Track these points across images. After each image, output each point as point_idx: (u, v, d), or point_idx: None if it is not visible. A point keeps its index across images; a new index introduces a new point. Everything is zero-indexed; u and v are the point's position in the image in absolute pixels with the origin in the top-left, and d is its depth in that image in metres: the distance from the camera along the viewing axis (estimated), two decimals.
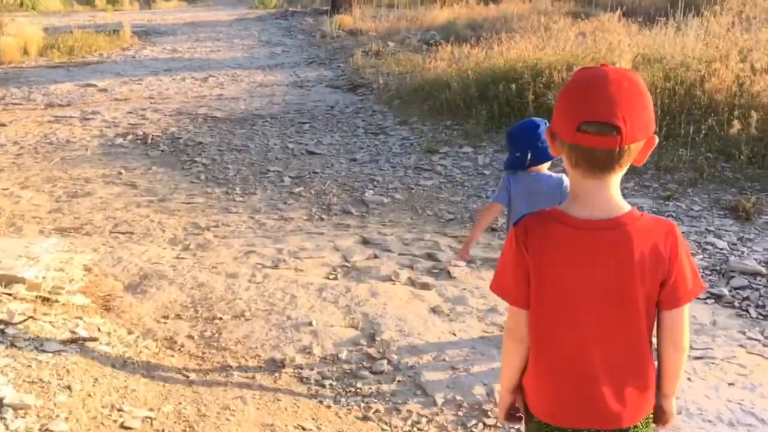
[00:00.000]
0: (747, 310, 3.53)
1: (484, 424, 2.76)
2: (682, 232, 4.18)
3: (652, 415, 1.45)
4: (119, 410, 2.75)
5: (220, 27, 18.92)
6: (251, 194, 5.74)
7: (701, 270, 3.99)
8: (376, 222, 5.09)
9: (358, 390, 3.02)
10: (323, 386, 3.06)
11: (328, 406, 2.93)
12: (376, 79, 9.78)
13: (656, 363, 1.44)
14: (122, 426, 2.66)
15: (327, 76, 11.09)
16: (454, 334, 3.45)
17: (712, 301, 3.66)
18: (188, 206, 5.48)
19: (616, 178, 1.32)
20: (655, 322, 1.39)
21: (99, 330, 3.44)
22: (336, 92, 9.86)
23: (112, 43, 15.26)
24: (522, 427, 1.57)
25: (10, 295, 3.57)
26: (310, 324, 3.57)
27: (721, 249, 4.24)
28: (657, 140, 1.33)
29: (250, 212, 5.32)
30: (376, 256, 4.47)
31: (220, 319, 3.65)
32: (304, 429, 2.75)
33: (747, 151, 5.42)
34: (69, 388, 2.83)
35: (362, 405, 2.92)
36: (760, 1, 11.46)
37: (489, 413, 2.82)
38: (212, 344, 3.41)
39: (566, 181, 2.83)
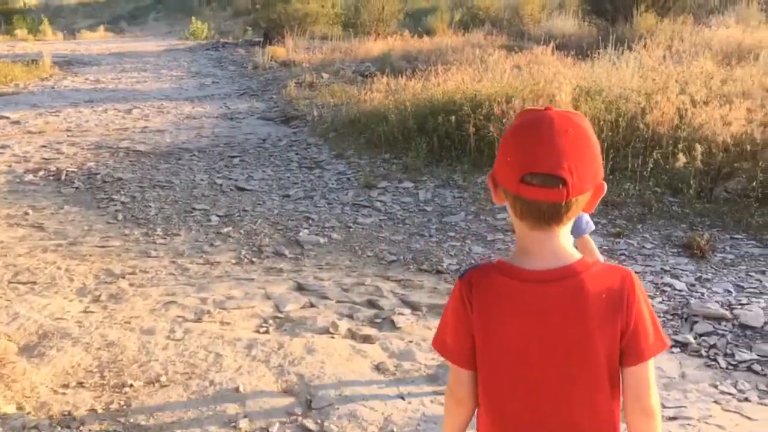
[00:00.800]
0: (716, 360, 3.27)
1: None
2: (637, 272, 3.94)
3: None
4: None
5: (147, 58, 18.24)
6: (174, 235, 5.23)
7: (661, 314, 3.74)
8: (312, 265, 4.67)
9: None
10: None
11: None
12: (311, 111, 9.42)
13: None
14: None
15: (259, 107, 10.66)
16: (402, 398, 3.04)
17: (678, 349, 3.39)
18: (102, 250, 4.92)
19: (565, 229, 1.22)
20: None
21: None
22: (268, 124, 9.44)
23: (29, 73, 14.44)
24: None
25: None
26: (237, 390, 3.09)
27: (680, 291, 4.01)
28: (606, 188, 1.23)
29: (172, 256, 4.81)
30: (312, 305, 4.03)
31: (131, 386, 3.14)
32: None
33: (695, 185, 5.29)
34: None
35: None
36: (687, 36, 11.75)
37: None
38: (119, 419, 2.89)
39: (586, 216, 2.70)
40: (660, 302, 3.89)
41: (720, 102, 6.40)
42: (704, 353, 3.34)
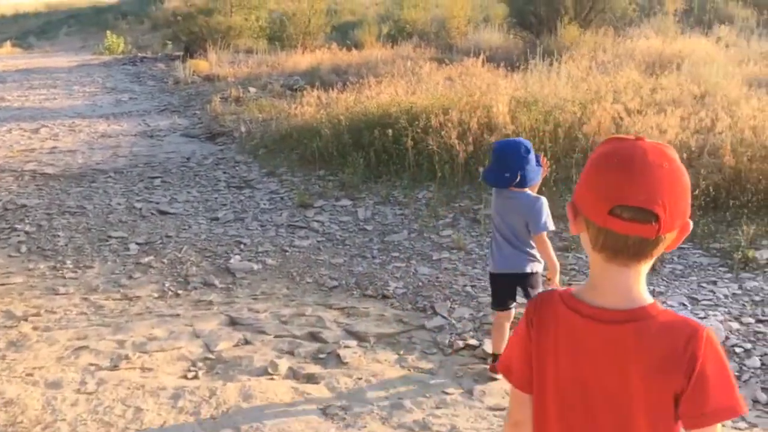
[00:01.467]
0: None
1: None
2: None
3: None
4: None
5: (58, 73, 17.20)
6: (86, 268, 4.69)
7: None
8: (246, 295, 4.24)
9: None
10: None
11: None
12: (238, 127, 8.94)
13: None
14: None
15: (182, 124, 10.08)
16: None
17: None
18: (1, 289, 4.33)
19: (644, 267, 1.15)
20: None
21: None
22: (192, 142, 8.90)
23: None
24: None
25: None
26: None
27: None
28: (691, 226, 1.15)
29: (84, 292, 4.28)
30: (247, 342, 3.62)
31: None
32: None
33: None
34: None
35: None
36: (610, 47, 11.95)
37: None
38: None
39: (542, 201, 3.07)
40: None
41: (653, 110, 6.39)
42: None
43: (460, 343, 3.47)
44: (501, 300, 3.20)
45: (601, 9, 14.33)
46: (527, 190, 3.08)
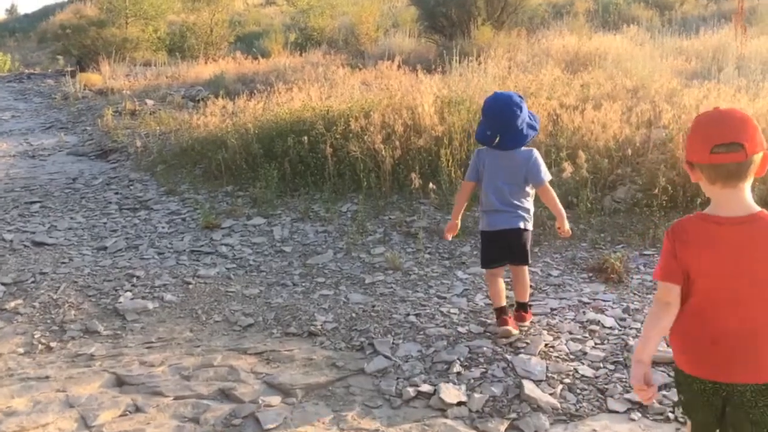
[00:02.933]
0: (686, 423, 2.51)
1: None
2: (554, 309, 3.14)
3: None
4: None
5: None
6: None
7: (600, 363, 2.96)
8: (138, 343, 3.42)
9: None
10: None
11: None
12: (133, 142, 7.96)
13: None
14: None
15: (69, 142, 8.97)
16: None
17: (638, 413, 2.60)
18: None
19: (747, 185, 1.66)
20: None
21: None
22: (81, 161, 7.87)
23: None
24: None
25: None
26: None
27: (611, 328, 3.28)
28: None
29: None
30: (138, 409, 2.81)
31: None
32: None
33: (585, 197, 4.68)
34: None
35: None
36: (525, 48, 11.71)
37: None
38: None
39: (536, 153, 3.14)
40: (593, 347, 3.11)
41: (590, 105, 5.98)
42: (670, 414, 2.58)
43: (411, 391, 2.79)
44: (495, 257, 3.23)
45: (513, 10, 14.16)
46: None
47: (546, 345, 3.11)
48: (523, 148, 3.12)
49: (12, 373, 3.14)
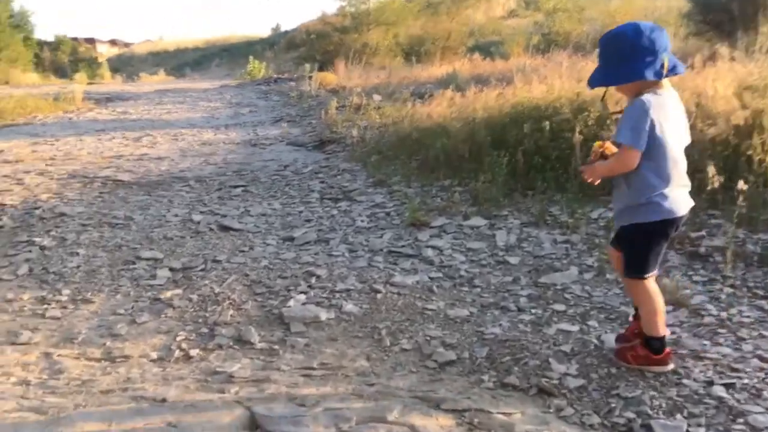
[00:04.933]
0: None
1: None
2: None
3: None
4: None
5: (191, 93, 16.82)
6: (84, 303, 3.12)
7: None
8: (294, 368, 2.43)
9: None
10: None
11: None
12: (350, 133, 7.31)
13: None
14: None
15: (292, 133, 8.67)
16: None
17: None
18: None
19: None
20: None
21: None
22: (298, 150, 7.40)
23: (55, 106, 13.08)
24: None
25: None
26: None
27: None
28: None
29: (52, 343, 2.68)
30: None
31: None
32: None
33: None
34: None
35: None
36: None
37: None
38: None
39: (640, 102, 2.12)
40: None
41: None
42: None
43: None
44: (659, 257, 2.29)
45: None
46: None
47: None
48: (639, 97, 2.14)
49: (127, 386, 2.32)
